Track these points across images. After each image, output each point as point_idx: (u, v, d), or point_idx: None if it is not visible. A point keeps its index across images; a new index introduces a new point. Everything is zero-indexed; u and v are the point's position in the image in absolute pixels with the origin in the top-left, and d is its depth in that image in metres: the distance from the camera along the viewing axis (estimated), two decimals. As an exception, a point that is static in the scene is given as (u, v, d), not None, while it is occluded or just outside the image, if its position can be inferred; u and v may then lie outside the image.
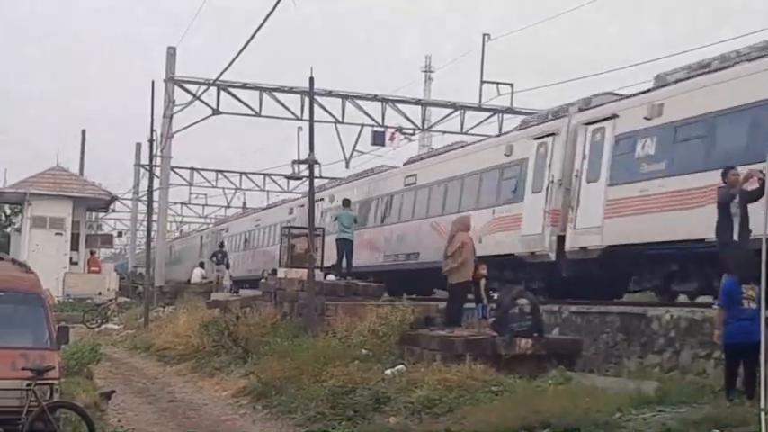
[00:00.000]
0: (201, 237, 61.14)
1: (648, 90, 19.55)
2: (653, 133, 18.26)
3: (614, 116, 19.57)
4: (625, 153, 18.94)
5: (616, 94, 21.45)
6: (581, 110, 21.34)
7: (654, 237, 17.68)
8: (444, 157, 28.83)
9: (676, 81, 18.57)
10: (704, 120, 17.02)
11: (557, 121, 22.01)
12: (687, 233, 16.49)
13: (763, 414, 7.90)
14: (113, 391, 17.29)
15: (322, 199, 34.12)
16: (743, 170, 13.64)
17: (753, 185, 13.36)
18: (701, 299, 17.76)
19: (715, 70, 17.59)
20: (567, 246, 20.12)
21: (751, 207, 13.17)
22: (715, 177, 14.37)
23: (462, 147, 29.05)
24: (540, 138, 22.07)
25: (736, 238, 13.39)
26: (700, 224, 15.26)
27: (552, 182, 21.07)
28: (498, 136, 30.40)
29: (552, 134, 21.59)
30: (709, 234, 14.01)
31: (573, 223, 20.11)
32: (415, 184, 28.92)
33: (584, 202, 19.86)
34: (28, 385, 10.65)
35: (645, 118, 18.39)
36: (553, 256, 20.74)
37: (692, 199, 16.59)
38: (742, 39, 20.12)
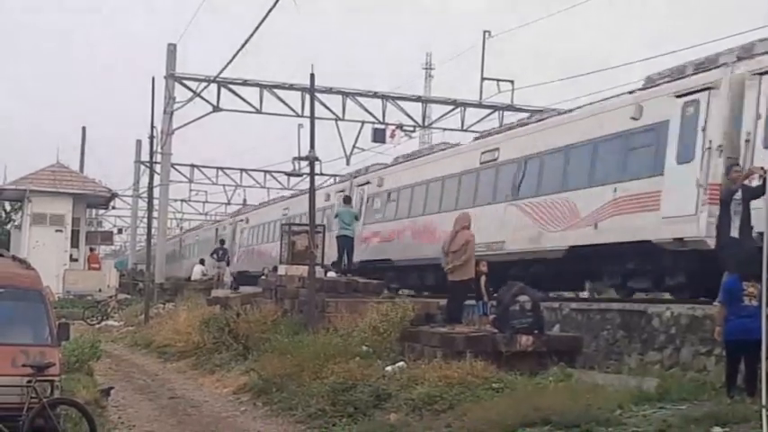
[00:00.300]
0: (217, 229, 56.54)
1: None
2: None
3: None
4: None
5: None
6: (740, 58, 17.24)
7: None
8: (539, 126, 23.61)
9: None
10: None
11: (710, 72, 17.67)
12: None
13: (764, 411, 7.90)
14: (112, 388, 17.29)
15: (368, 182, 31.26)
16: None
17: (754, 182, 13.35)
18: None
19: None
20: None
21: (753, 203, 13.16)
22: None
23: (563, 114, 23.69)
24: (687, 94, 17.70)
25: (736, 234, 13.38)
26: None
27: (709, 148, 16.80)
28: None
29: (706, 89, 17.28)
30: None
31: None
32: (496, 160, 23.92)
33: None
34: (28, 382, 10.65)
35: None
36: (712, 243, 16.17)
37: None
38: (740, 36, 19.94)
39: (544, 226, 21.17)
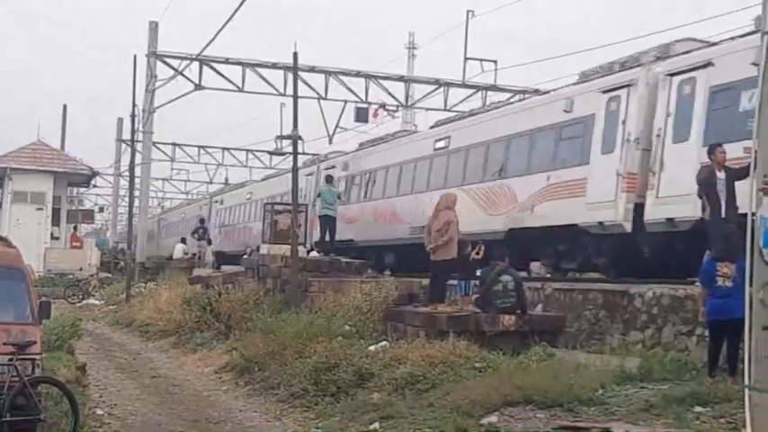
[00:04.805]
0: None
1: None
2: None
3: None
4: None
5: None
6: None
7: None
8: None
9: None
10: None
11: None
12: None
13: (746, 391, 7.93)
14: (84, 364, 17.14)
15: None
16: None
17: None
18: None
19: None
20: None
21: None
22: None
23: None
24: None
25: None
26: None
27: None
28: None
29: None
30: None
31: None
32: None
33: None
34: (9, 360, 10.56)
35: None
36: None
37: None
38: (728, 16, 19.77)
39: None
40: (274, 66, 37.86)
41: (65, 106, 60.11)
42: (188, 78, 37.80)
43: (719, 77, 16.18)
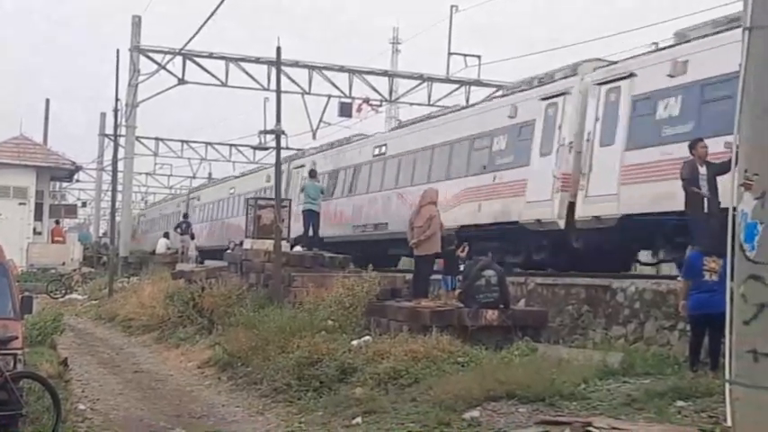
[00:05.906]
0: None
1: None
2: None
3: None
4: None
5: None
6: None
7: None
8: None
9: None
10: None
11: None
12: None
13: (727, 385, 7.95)
14: (66, 359, 17.05)
15: None
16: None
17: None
18: (667, 269, 17.84)
19: None
20: None
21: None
22: None
23: None
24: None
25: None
26: None
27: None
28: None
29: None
30: None
31: None
32: None
33: None
34: (-10, 355, 10.52)
35: None
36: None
37: None
38: (719, 9, 19.76)
39: None
40: (258, 60, 37.78)
41: (47, 100, 59.81)
42: (171, 73, 37.72)
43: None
